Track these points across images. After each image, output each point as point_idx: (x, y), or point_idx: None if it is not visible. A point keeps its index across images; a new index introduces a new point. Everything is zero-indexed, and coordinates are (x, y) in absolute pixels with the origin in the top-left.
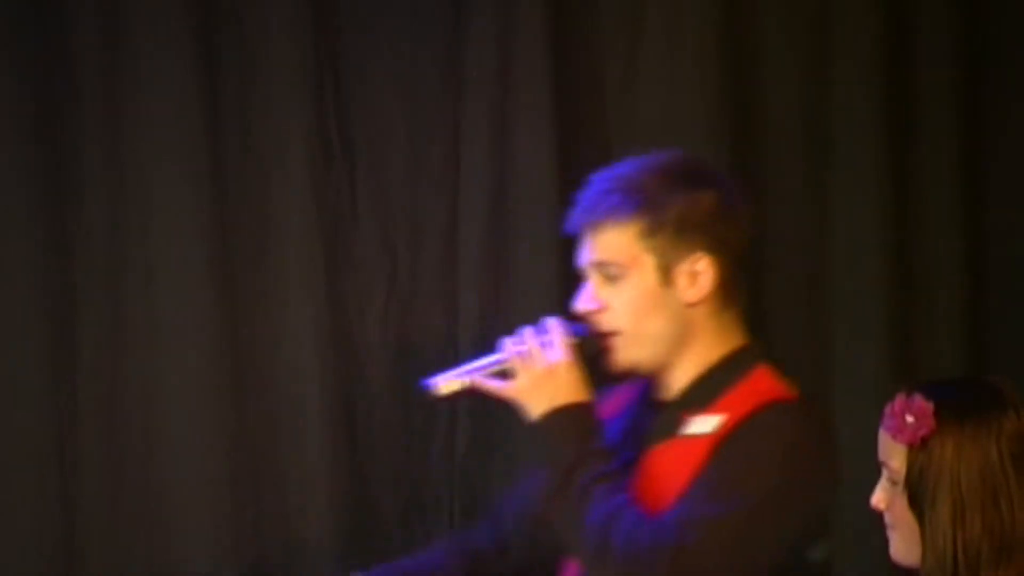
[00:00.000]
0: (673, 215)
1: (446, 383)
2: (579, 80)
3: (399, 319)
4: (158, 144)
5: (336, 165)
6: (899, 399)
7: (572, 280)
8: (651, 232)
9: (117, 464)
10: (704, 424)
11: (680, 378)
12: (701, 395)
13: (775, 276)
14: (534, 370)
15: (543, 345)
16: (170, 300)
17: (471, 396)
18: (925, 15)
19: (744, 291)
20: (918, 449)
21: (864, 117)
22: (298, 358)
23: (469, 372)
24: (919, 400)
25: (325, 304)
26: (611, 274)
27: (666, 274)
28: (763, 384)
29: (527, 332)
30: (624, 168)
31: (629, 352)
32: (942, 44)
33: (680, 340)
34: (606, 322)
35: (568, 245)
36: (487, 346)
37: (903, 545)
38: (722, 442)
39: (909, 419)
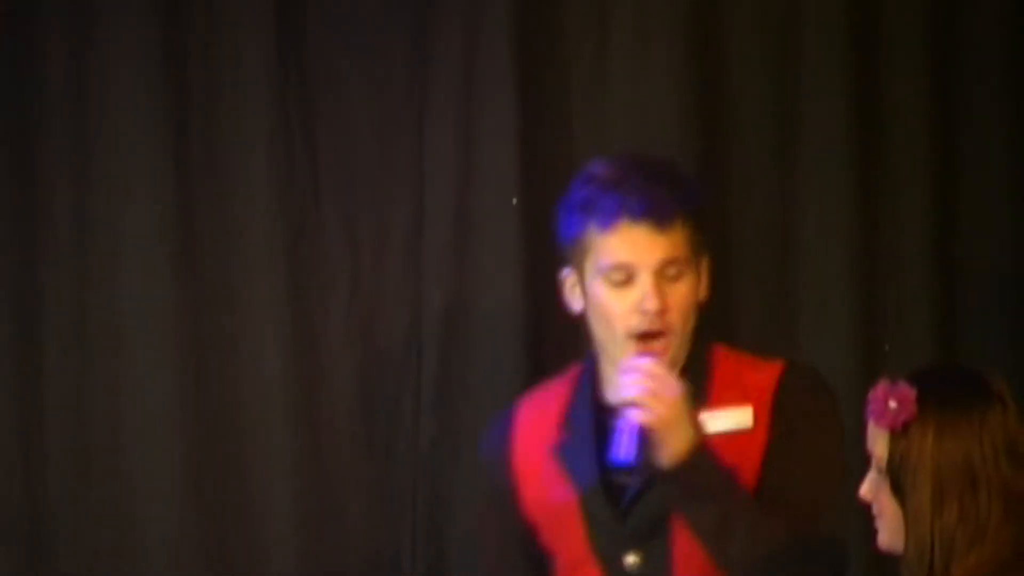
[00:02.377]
0: (706, 214)
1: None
2: (544, 78)
3: (362, 317)
4: (123, 143)
5: (299, 164)
6: (883, 384)
7: (536, 278)
8: (699, 230)
9: (83, 460)
10: (733, 418)
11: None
12: (695, 385)
13: (742, 270)
14: (669, 403)
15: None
16: (134, 298)
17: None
18: (892, 9)
19: None
20: (900, 435)
21: (831, 109)
22: (261, 355)
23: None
24: (903, 386)
25: (287, 302)
26: (673, 274)
27: (701, 273)
28: (744, 361)
29: (644, 367)
30: (659, 162)
31: (673, 353)
32: (910, 38)
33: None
34: (666, 323)
35: (531, 244)
36: (450, 344)
37: (889, 533)
38: (774, 422)
39: (892, 404)
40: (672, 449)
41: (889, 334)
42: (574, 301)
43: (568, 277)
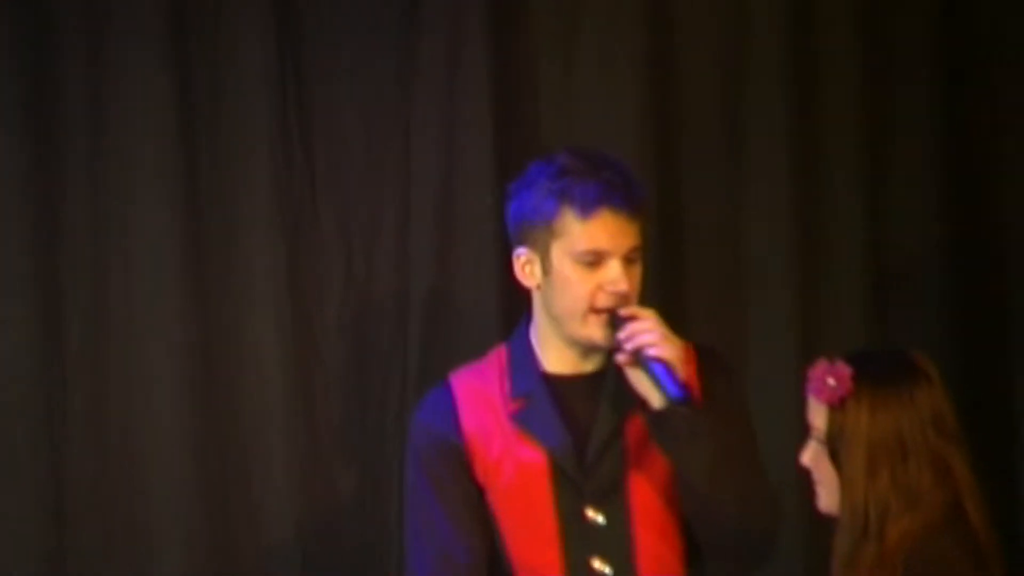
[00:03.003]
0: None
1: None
2: (517, 93)
3: (355, 307)
4: (133, 144)
5: (297, 163)
6: (822, 363)
7: (510, 272)
8: (646, 221)
9: (101, 442)
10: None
11: (601, 350)
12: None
13: (695, 266)
14: (678, 343)
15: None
16: (146, 291)
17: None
18: (826, 14)
19: None
20: (837, 409)
21: (774, 113)
22: (262, 341)
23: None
24: (840, 365)
25: (287, 293)
26: (633, 258)
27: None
28: None
29: (648, 318)
30: (617, 159)
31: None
32: (846, 41)
33: None
34: (627, 301)
35: (506, 241)
36: (436, 328)
37: (827, 498)
38: (705, 400)
39: (830, 381)
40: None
41: (827, 322)
42: (527, 279)
43: (522, 256)
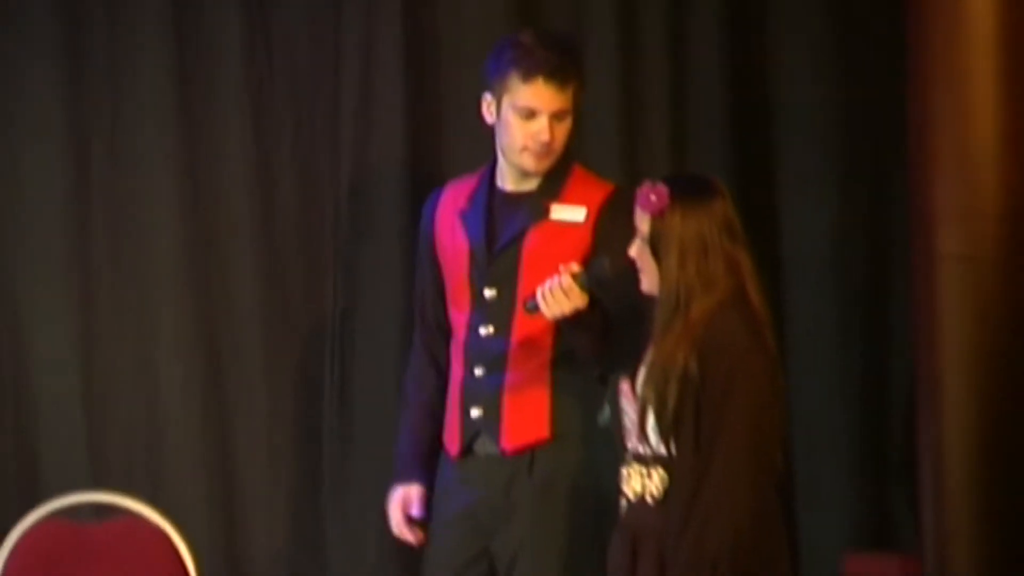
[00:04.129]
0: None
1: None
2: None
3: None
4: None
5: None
6: (647, 184)
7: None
8: (581, 89)
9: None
10: (571, 213)
11: (535, 177)
12: (551, 188)
13: None
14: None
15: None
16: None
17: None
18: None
19: None
20: (657, 218)
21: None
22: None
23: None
24: (660, 185)
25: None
26: (560, 116)
27: (574, 116)
28: (589, 178)
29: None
30: (565, 39)
31: (549, 164)
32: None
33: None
34: (550, 148)
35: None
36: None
37: (648, 283)
38: (599, 228)
39: (652, 197)
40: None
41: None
42: (488, 116)
43: (486, 99)
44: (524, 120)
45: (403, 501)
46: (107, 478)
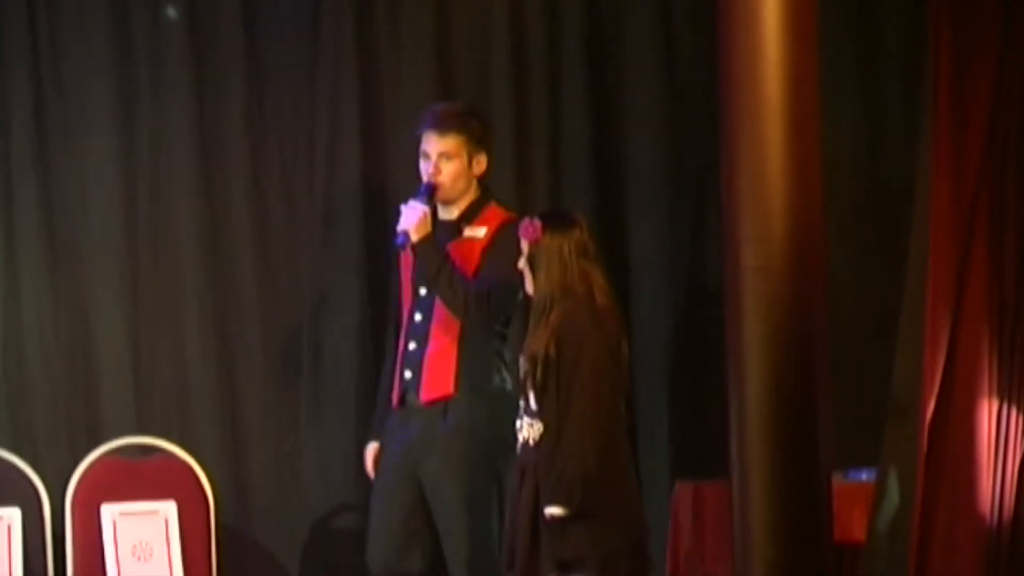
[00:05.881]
0: (484, 133)
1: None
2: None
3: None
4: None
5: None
6: (527, 218)
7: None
8: (471, 140)
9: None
10: (476, 231)
11: (458, 209)
12: (468, 216)
13: None
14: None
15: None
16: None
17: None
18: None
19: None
20: (533, 244)
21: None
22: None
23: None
24: (536, 220)
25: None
26: (447, 158)
27: (473, 160)
28: (498, 210)
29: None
30: (459, 107)
31: (445, 195)
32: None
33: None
34: (439, 181)
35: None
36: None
37: (529, 288)
38: (491, 242)
39: (531, 228)
40: (419, 238)
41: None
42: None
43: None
44: (424, 160)
45: (373, 453)
46: (149, 425)
